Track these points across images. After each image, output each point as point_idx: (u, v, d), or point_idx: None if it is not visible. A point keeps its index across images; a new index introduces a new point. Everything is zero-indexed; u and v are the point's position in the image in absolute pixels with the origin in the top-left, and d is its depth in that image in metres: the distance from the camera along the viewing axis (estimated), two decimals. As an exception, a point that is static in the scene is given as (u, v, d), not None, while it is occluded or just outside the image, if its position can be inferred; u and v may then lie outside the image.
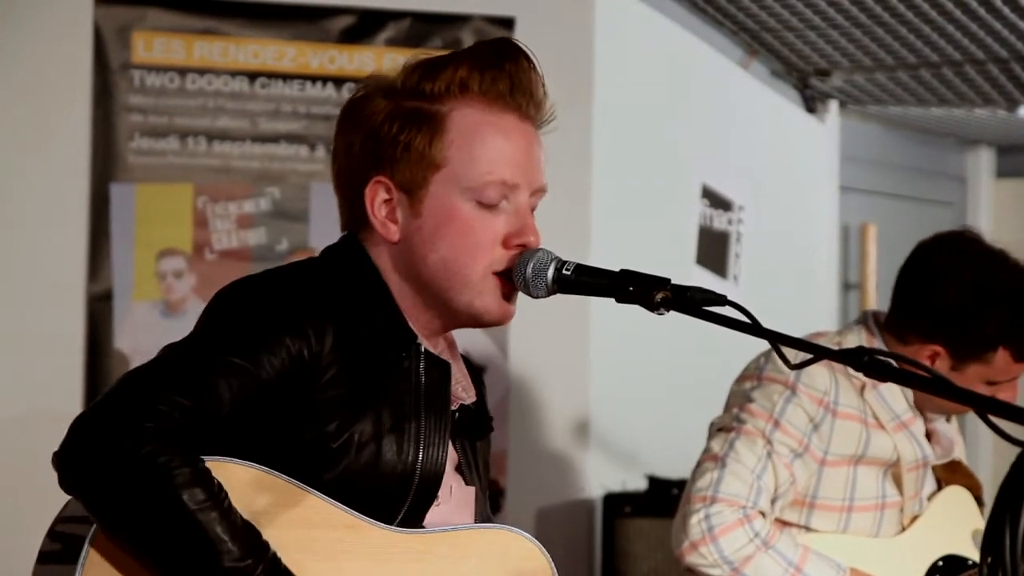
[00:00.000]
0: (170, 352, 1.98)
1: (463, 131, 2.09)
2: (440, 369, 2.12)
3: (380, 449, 2.02)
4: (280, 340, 1.97)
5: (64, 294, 4.43)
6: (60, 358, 4.40)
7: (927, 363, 3.00)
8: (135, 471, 1.84)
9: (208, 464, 1.90)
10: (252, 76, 4.60)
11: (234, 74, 4.59)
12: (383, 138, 2.10)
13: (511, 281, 2.09)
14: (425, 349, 2.11)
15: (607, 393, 4.80)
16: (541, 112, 2.15)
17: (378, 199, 2.11)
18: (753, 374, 3.08)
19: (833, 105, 6.39)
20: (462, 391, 2.20)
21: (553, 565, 2.12)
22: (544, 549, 2.12)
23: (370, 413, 2.02)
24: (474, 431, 2.23)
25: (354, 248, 2.15)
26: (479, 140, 2.09)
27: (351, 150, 2.14)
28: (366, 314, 2.08)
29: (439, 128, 2.09)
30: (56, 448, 1.89)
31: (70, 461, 1.87)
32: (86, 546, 1.88)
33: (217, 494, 1.87)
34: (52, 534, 1.96)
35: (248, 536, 1.89)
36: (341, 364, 2.01)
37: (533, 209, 2.14)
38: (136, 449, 1.84)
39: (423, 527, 2.08)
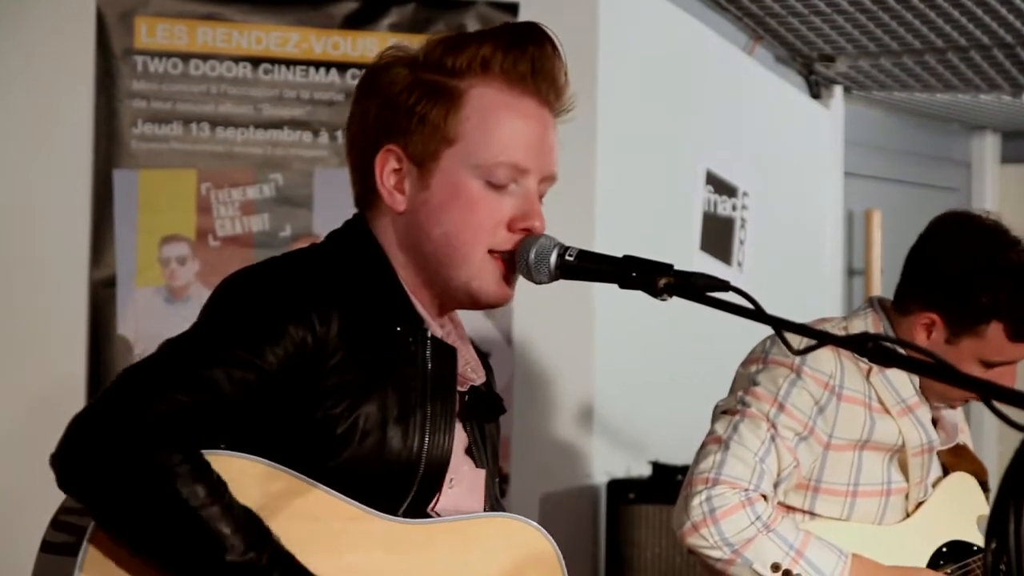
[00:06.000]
0: (169, 347, 1.97)
1: (480, 109, 2.08)
2: (446, 355, 2.11)
3: (385, 437, 2.01)
4: (283, 329, 1.96)
5: (67, 280, 4.43)
6: (63, 344, 4.41)
7: (923, 332, 3.04)
8: (134, 470, 1.83)
9: (210, 458, 1.89)
10: (255, 62, 4.59)
11: (237, 60, 4.59)
12: (399, 107, 2.09)
13: (512, 264, 2.08)
14: (431, 335, 2.11)
15: (611, 379, 4.79)
16: (561, 99, 2.14)
17: (388, 168, 2.11)
18: (759, 357, 3.08)
19: (838, 91, 6.39)
20: (471, 372, 2.19)
21: (559, 551, 2.12)
22: (549, 535, 2.11)
23: (376, 397, 2.01)
24: (484, 413, 2.22)
25: (359, 231, 2.15)
26: (495, 120, 2.08)
27: (366, 117, 2.13)
28: (372, 299, 2.07)
29: (457, 103, 2.08)
30: (58, 438, 1.87)
31: (69, 462, 1.86)
32: (85, 543, 1.87)
33: (217, 489, 1.87)
34: (56, 524, 1.96)
35: (250, 529, 1.88)
36: (347, 350, 2.00)
37: (541, 196, 2.14)
38: (135, 448, 1.83)
39: (430, 514, 2.08)
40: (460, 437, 2.14)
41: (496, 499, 2.23)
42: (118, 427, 1.84)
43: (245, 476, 1.91)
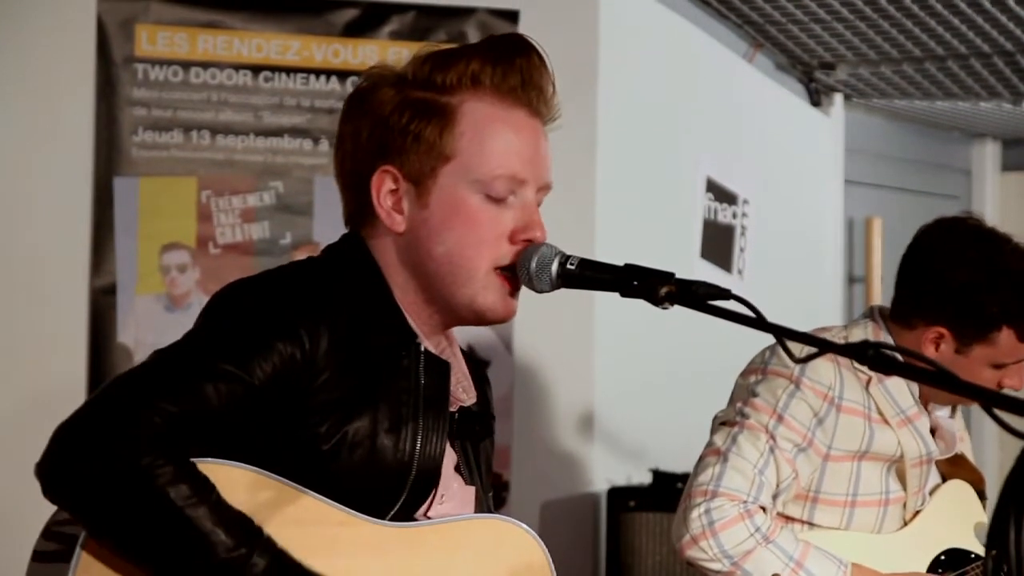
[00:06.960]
0: (158, 357, 1.97)
1: (474, 124, 2.08)
2: (440, 370, 2.11)
3: (375, 446, 2.01)
4: (271, 344, 1.95)
5: (68, 288, 4.43)
6: (63, 352, 4.40)
7: (932, 346, 3.03)
8: (118, 475, 1.83)
9: (199, 466, 1.89)
10: (256, 69, 4.59)
11: (238, 67, 4.59)
12: (392, 128, 2.09)
13: (515, 278, 2.08)
14: (425, 349, 2.10)
15: (612, 387, 4.79)
16: (550, 109, 2.15)
17: (384, 188, 2.10)
18: (757, 368, 3.08)
19: (838, 98, 6.39)
20: (462, 392, 2.19)
21: (548, 554, 2.11)
22: (539, 538, 2.11)
23: (367, 412, 2.02)
24: (474, 433, 2.22)
25: (356, 246, 2.14)
26: (490, 134, 2.08)
27: (358, 139, 2.12)
28: (365, 313, 2.07)
29: (450, 120, 2.08)
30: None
31: (53, 471, 1.86)
32: (78, 550, 1.87)
33: (203, 488, 1.86)
34: (47, 533, 1.95)
35: (240, 525, 1.88)
36: (336, 366, 2.00)
37: (538, 206, 2.14)
38: (118, 453, 1.83)
39: (418, 519, 2.07)
40: (449, 455, 2.14)
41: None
42: (103, 433, 1.84)
43: (234, 484, 1.91)
